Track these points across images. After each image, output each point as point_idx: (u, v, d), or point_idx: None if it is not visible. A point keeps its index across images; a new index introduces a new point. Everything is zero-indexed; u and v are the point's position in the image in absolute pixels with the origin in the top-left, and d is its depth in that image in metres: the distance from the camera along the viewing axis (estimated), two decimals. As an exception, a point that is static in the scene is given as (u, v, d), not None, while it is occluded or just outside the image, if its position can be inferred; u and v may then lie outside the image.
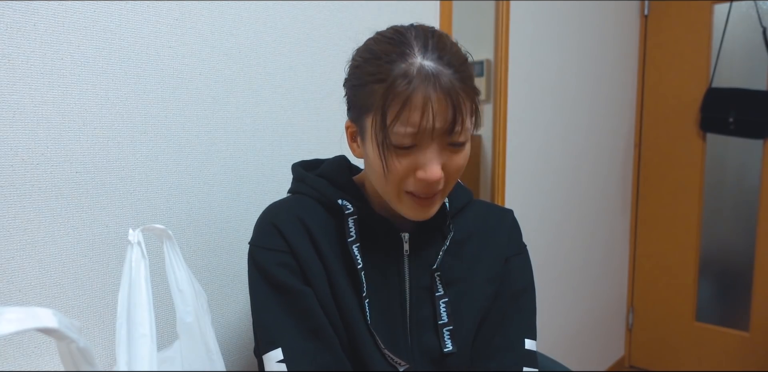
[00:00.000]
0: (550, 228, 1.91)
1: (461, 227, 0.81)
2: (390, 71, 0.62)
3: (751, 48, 2.12)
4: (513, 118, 1.67)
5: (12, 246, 0.70)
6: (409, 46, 0.63)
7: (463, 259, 0.79)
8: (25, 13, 0.69)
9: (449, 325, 0.75)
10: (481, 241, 0.81)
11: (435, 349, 0.74)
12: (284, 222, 0.74)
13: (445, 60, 0.63)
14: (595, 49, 2.07)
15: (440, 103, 0.61)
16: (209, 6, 0.88)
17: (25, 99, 0.69)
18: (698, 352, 2.35)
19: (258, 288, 0.73)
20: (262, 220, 0.76)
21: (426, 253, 0.77)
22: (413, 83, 0.61)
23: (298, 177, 0.81)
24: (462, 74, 0.63)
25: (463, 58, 0.66)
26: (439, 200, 0.70)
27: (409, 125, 0.62)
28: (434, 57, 0.62)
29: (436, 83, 0.61)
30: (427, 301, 0.75)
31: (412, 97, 0.61)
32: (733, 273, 2.27)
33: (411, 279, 0.75)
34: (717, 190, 2.28)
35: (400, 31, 0.66)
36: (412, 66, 0.62)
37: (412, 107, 0.61)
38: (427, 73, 0.61)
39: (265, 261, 0.73)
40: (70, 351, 0.48)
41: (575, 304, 2.11)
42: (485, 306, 0.78)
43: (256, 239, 0.75)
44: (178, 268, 0.66)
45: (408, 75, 0.61)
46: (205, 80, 0.89)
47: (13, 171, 0.69)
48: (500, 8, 1.59)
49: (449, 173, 0.67)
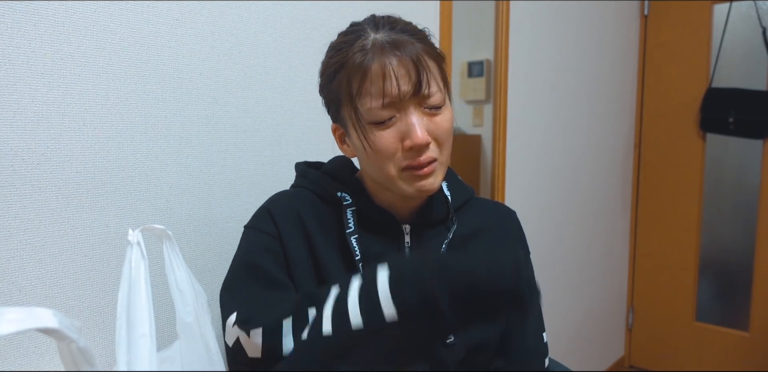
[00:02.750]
0: (550, 228, 1.91)
1: (465, 223, 0.80)
2: (347, 54, 0.64)
3: (751, 48, 2.12)
4: (513, 118, 1.67)
5: (12, 246, 0.70)
6: (362, 30, 0.66)
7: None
8: (25, 13, 0.69)
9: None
10: (485, 239, 0.81)
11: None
12: (279, 210, 0.75)
13: (398, 29, 0.65)
14: (595, 49, 2.07)
15: (401, 66, 0.63)
16: (209, 6, 0.88)
17: (25, 99, 0.69)
18: (698, 352, 2.35)
19: (236, 265, 0.74)
20: (261, 207, 0.78)
21: (428, 246, 0.76)
22: (368, 55, 0.63)
23: (301, 173, 0.82)
24: (421, 39, 0.65)
25: (420, 30, 0.68)
26: (439, 170, 0.70)
27: (377, 96, 0.63)
28: (386, 29, 0.65)
29: (393, 49, 0.63)
30: None
31: (371, 67, 0.63)
32: (733, 273, 2.27)
33: None
34: (717, 190, 2.28)
35: (354, 23, 0.70)
36: (366, 40, 0.64)
37: (373, 78, 0.63)
38: (382, 42, 0.63)
39: (253, 242, 0.74)
40: (70, 351, 0.48)
41: (575, 304, 2.11)
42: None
43: (250, 221, 0.77)
44: (178, 268, 0.66)
45: (363, 49, 0.63)
46: (205, 80, 0.89)
47: (14, 171, 0.69)
48: (500, 8, 1.59)
49: (438, 138, 0.68)
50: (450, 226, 0.78)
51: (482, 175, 1.75)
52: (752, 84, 2.12)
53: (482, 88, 1.77)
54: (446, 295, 0.53)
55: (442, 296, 0.53)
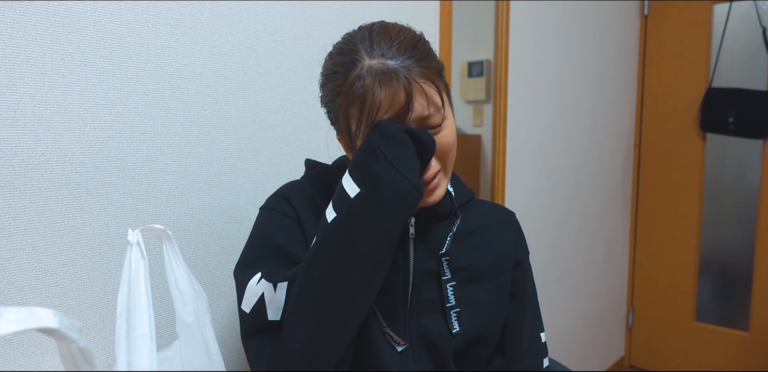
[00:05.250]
0: (550, 228, 1.91)
1: (468, 219, 0.82)
2: (343, 82, 0.66)
3: (751, 48, 2.12)
4: (513, 118, 1.67)
5: (12, 246, 0.70)
6: (357, 52, 0.66)
7: (469, 248, 0.80)
8: (25, 13, 0.69)
9: (456, 307, 0.76)
10: (487, 236, 0.83)
11: (435, 332, 0.75)
12: (296, 196, 0.77)
13: (393, 51, 0.65)
14: (595, 49, 2.07)
15: (396, 98, 0.64)
16: (209, 6, 0.88)
17: (25, 99, 0.69)
18: (698, 352, 2.35)
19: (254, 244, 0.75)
20: (275, 193, 0.79)
21: (432, 238, 0.77)
22: (363, 87, 0.64)
23: (312, 165, 0.84)
24: (418, 58, 0.66)
25: (413, 41, 0.68)
26: (443, 180, 0.72)
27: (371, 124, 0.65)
28: (382, 50, 0.65)
29: (386, 79, 0.64)
30: (432, 285, 0.76)
31: (367, 99, 0.64)
32: (733, 273, 2.27)
33: (416, 262, 0.76)
34: (717, 190, 2.28)
35: (348, 38, 0.70)
36: (361, 70, 0.64)
37: (369, 108, 0.64)
38: (376, 72, 0.64)
39: (271, 221, 0.76)
40: (70, 351, 0.48)
41: (575, 304, 2.11)
42: (490, 300, 0.80)
43: (267, 203, 0.79)
44: (178, 268, 0.66)
45: (358, 78, 0.64)
46: (205, 80, 0.89)
47: (14, 171, 0.69)
48: (500, 8, 1.59)
49: (441, 153, 0.70)
50: (454, 220, 0.79)
51: (482, 175, 1.75)
52: (752, 84, 2.12)
53: (482, 88, 1.77)
54: (382, 140, 0.64)
55: (379, 140, 0.64)
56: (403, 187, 0.63)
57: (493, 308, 0.80)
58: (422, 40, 0.69)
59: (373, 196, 0.64)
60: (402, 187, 0.63)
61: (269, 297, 0.67)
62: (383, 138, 0.65)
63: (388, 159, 0.64)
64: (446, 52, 1.37)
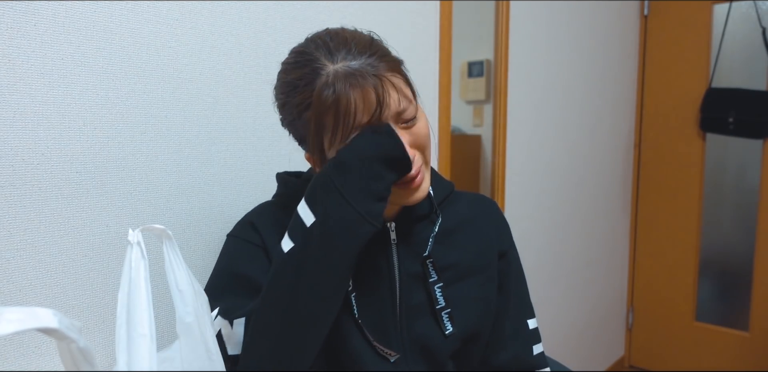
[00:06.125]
0: (550, 228, 1.91)
1: (448, 216, 0.81)
2: (310, 94, 0.63)
3: (751, 48, 2.12)
4: (513, 118, 1.67)
5: (12, 246, 0.70)
6: (316, 61, 0.64)
7: (452, 246, 0.79)
8: (25, 13, 0.69)
9: (447, 308, 0.76)
10: (469, 231, 0.82)
11: (428, 335, 0.75)
12: (263, 221, 0.76)
13: (352, 54, 0.64)
14: (595, 49, 2.07)
15: (368, 98, 0.63)
16: (209, 6, 0.89)
17: (25, 99, 0.69)
18: (698, 352, 2.35)
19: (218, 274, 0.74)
20: (243, 219, 0.79)
21: (414, 241, 0.77)
22: (333, 93, 0.62)
23: (282, 182, 0.82)
24: (379, 55, 0.65)
25: (368, 40, 0.67)
26: (426, 172, 0.71)
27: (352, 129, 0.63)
28: (342, 54, 0.63)
29: (355, 81, 0.62)
30: (419, 289, 0.76)
31: (340, 105, 0.62)
32: (733, 273, 2.27)
33: (400, 267, 0.75)
34: (717, 190, 2.28)
35: (300, 50, 0.68)
36: (327, 77, 0.62)
37: (343, 113, 0.62)
38: (343, 75, 0.62)
39: (235, 250, 0.75)
40: (70, 351, 0.48)
41: (575, 304, 2.11)
42: (479, 295, 0.79)
43: (234, 230, 0.78)
44: (178, 268, 0.66)
45: (326, 86, 0.62)
46: (205, 80, 0.89)
47: (14, 171, 0.69)
48: (500, 8, 1.59)
49: (420, 145, 0.69)
50: (435, 219, 0.78)
51: (482, 175, 1.75)
52: (752, 84, 2.12)
53: (482, 88, 1.77)
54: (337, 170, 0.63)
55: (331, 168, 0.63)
56: (350, 219, 0.62)
57: (482, 303, 0.79)
58: (375, 38, 0.69)
59: (322, 227, 0.62)
60: (349, 219, 0.62)
61: (227, 333, 0.67)
62: (335, 164, 0.63)
63: (337, 187, 0.62)
64: (446, 52, 1.37)
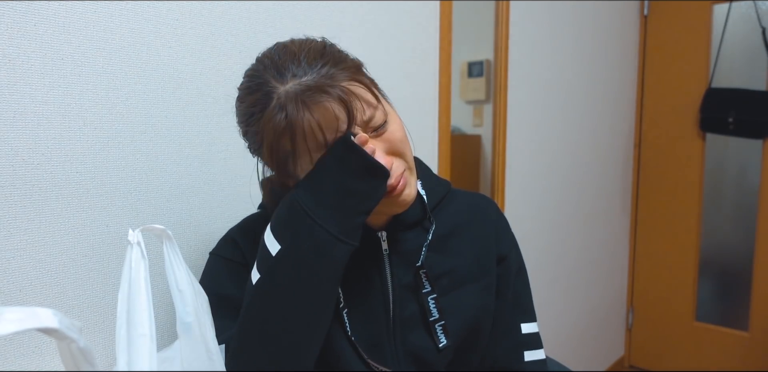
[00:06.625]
0: (549, 228, 1.91)
1: (443, 221, 0.78)
2: (266, 124, 0.60)
3: (751, 48, 2.12)
4: (513, 118, 1.67)
5: (12, 246, 0.70)
6: (266, 84, 0.61)
7: (448, 253, 0.77)
8: (25, 13, 0.69)
9: (440, 320, 0.73)
10: (466, 235, 0.79)
11: (423, 347, 0.73)
12: (245, 238, 0.75)
13: (302, 69, 0.60)
14: (595, 50, 2.07)
15: (326, 115, 0.59)
16: (209, 6, 0.89)
17: (25, 99, 0.69)
18: (698, 352, 2.35)
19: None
20: (224, 236, 0.78)
21: (407, 250, 0.74)
22: (287, 118, 0.59)
23: (266, 191, 0.80)
24: (328, 64, 0.61)
25: (319, 48, 0.63)
26: (410, 177, 0.69)
27: (316, 149, 0.61)
28: (292, 72, 0.60)
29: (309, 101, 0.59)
30: (412, 300, 0.74)
31: (297, 129, 0.59)
32: (733, 273, 2.27)
33: (393, 278, 0.73)
34: (717, 190, 2.28)
35: (251, 73, 0.65)
36: (279, 100, 0.59)
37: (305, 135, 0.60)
38: (294, 96, 0.59)
39: (218, 270, 0.75)
40: (70, 351, 0.48)
41: (575, 304, 2.12)
42: (476, 303, 0.77)
43: (216, 248, 0.78)
44: (178, 268, 0.66)
45: (280, 110, 0.59)
46: (205, 80, 0.89)
47: (14, 171, 0.69)
48: (500, 8, 1.59)
49: (396, 151, 0.66)
50: (428, 226, 0.76)
51: (482, 175, 1.75)
52: (752, 84, 2.12)
53: (482, 88, 1.77)
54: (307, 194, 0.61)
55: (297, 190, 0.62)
56: (322, 240, 0.60)
57: (479, 311, 0.77)
58: (328, 44, 0.65)
59: (293, 252, 0.60)
60: (321, 240, 0.60)
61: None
62: (302, 186, 0.61)
63: (305, 210, 0.60)
64: (446, 52, 1.37)
